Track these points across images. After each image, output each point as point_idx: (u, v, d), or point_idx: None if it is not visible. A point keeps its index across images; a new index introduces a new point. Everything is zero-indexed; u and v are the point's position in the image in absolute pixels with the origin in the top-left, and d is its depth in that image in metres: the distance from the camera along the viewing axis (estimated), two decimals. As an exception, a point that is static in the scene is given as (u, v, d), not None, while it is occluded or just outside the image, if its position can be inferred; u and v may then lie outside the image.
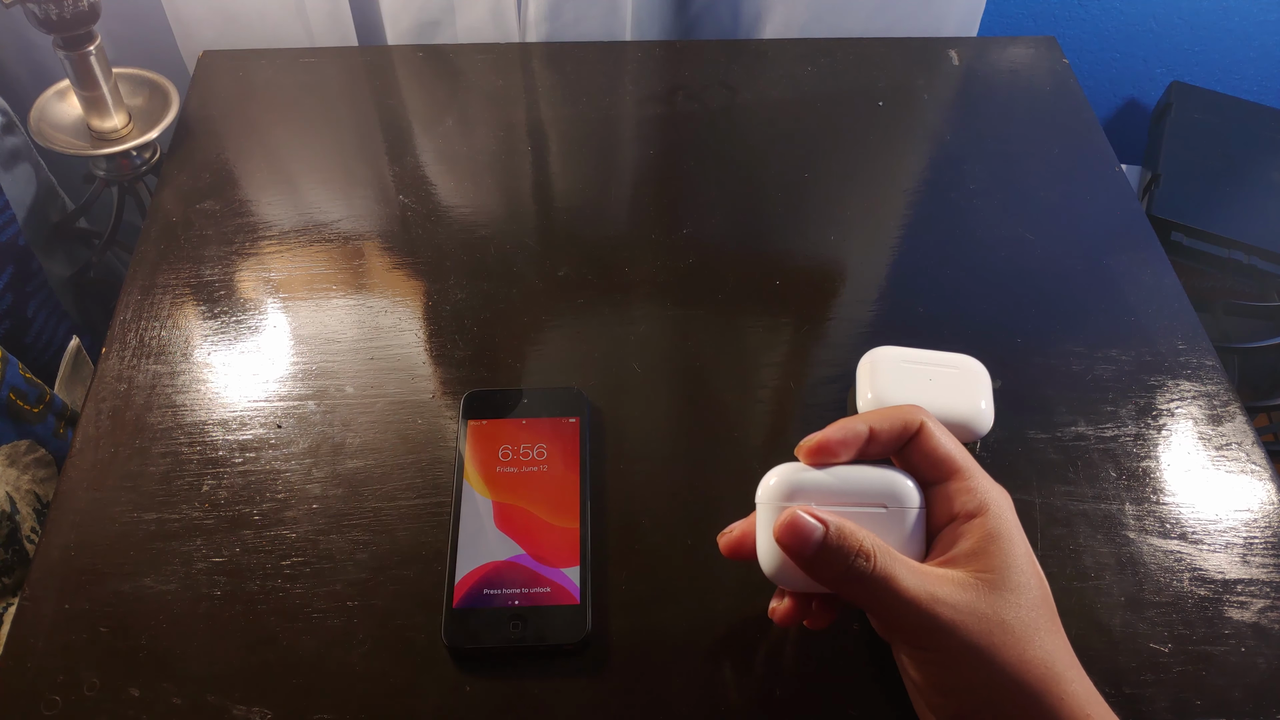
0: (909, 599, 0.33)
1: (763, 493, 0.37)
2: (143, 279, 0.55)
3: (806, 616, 0.38)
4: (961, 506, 0.36)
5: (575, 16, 0.75)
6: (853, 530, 0.35)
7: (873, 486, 0.36)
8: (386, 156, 0.62)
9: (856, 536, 0.34)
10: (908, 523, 0.36)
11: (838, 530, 0.35)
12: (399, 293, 0.54)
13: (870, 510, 0.36)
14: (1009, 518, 0.36)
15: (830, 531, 0.34)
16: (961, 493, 0.36)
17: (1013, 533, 0.35)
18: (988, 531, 0.35)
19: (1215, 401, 0.51)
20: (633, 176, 0.62)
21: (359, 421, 0.49)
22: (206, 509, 0.45)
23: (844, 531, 0.35)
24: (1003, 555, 0.34)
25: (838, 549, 0.34)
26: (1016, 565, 0.34)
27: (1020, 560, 0.35)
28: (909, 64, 0.70)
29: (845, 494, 0.36)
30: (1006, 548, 0.35)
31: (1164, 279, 0.57)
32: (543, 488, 0.45)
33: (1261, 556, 0.45)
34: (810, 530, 0.35)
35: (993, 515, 0.35)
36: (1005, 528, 0.35)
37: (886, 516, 0.36)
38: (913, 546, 0.36)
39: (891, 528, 0.36)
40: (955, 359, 0.49)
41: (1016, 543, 0.35)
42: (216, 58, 0.68)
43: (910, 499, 0.36)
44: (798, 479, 0.36)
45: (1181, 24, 1.04)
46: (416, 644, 0.41)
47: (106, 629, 0.41)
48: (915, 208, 0.60)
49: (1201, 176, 0.94)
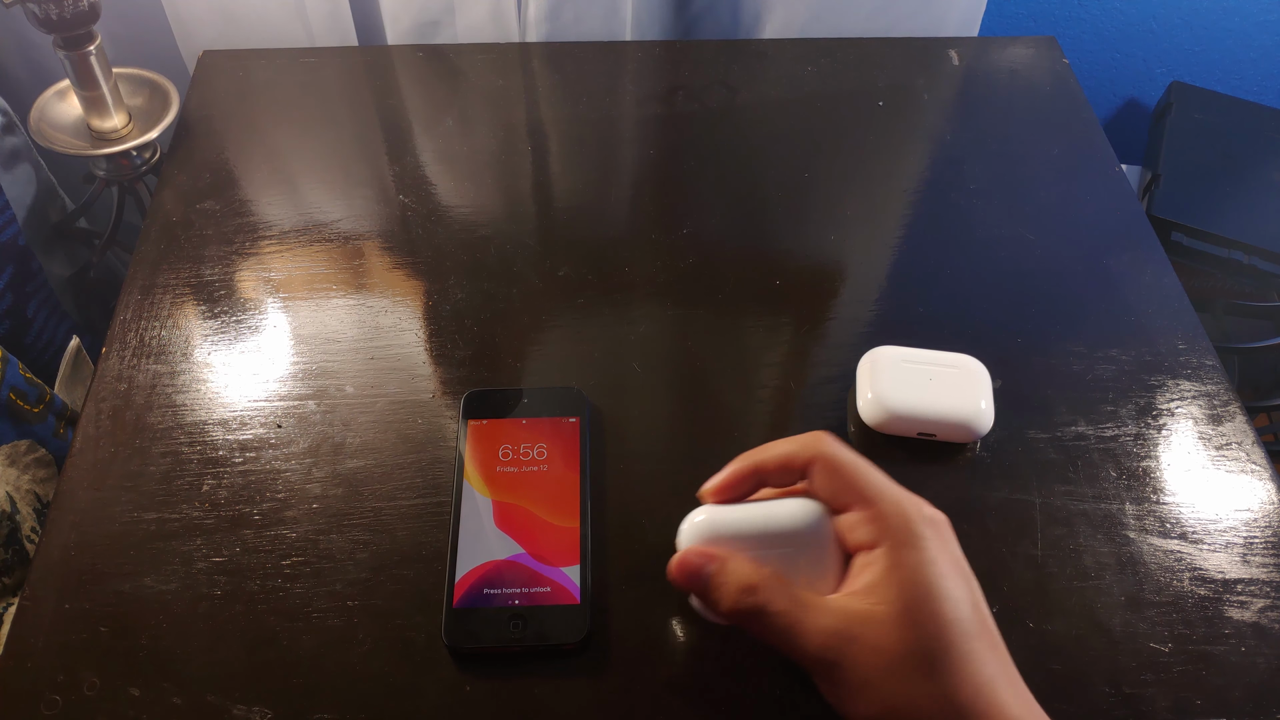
0: (801, 634, 0.34)
1: (681, 536, 0.38)
2: (143, 279, 0.55)
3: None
4: (863, 538, 0.35)
5: (575, 16, 0.75)
6: (740, 565, 0.36)
7: (784, 521, 0.37)
8: (386, 156, 0.62)
9: (744, 572, 0.35)
10: (816, 554, 0.36)
11: (722, 565, 0.36)
12: (399, 293, 0.54)
13: (780, 548, 0.36)
14: (916, 547, 0.34)
15: (716, 568, 0.36)
16: (862, 523, 0.35)
17: (916, 563, 0.34)
18: (887, 564, 0.34)
19: (1215, 401, 0.51)
20: (633, 176, 0.62)
21: (359, 421, 0.49)
22: (207, 509, 0.45)
23: (728, 568, 0.36)
24: (901, 587, 0.34)
25: (723, 584, 0.35)
26: (918, 597, 0.33)
27: (922, 591, 0.33)
28: (909, 64, 0.70)
29: (753, 532, 0.37)
30: (908, 578, 0.34)
31: (1164, 279, 0.57)
32: (543, 487, 0.45)
33: (1261, 556, 0.45)
34: (698, 566, 0.36)
35: (892, 547, 0.34)
36: (907, 558, 0.34)
37: (795, 551, 0.36)
38: (823, 577, 0.36)
39: (801, 560, 0.36)
40: (955, 359, 0.49)
41: (921, 572, 0.34)
42: (216, 58, 0.68)
43: (815, 531, 0.36)
44: (713, 520, 0.37)
45: (1181, 24, 1.04)
46: (416, 644, 0.41)
47: (106, 629, 0.41)
48: (915, 208, 0.60)
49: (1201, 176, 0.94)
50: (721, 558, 0.36)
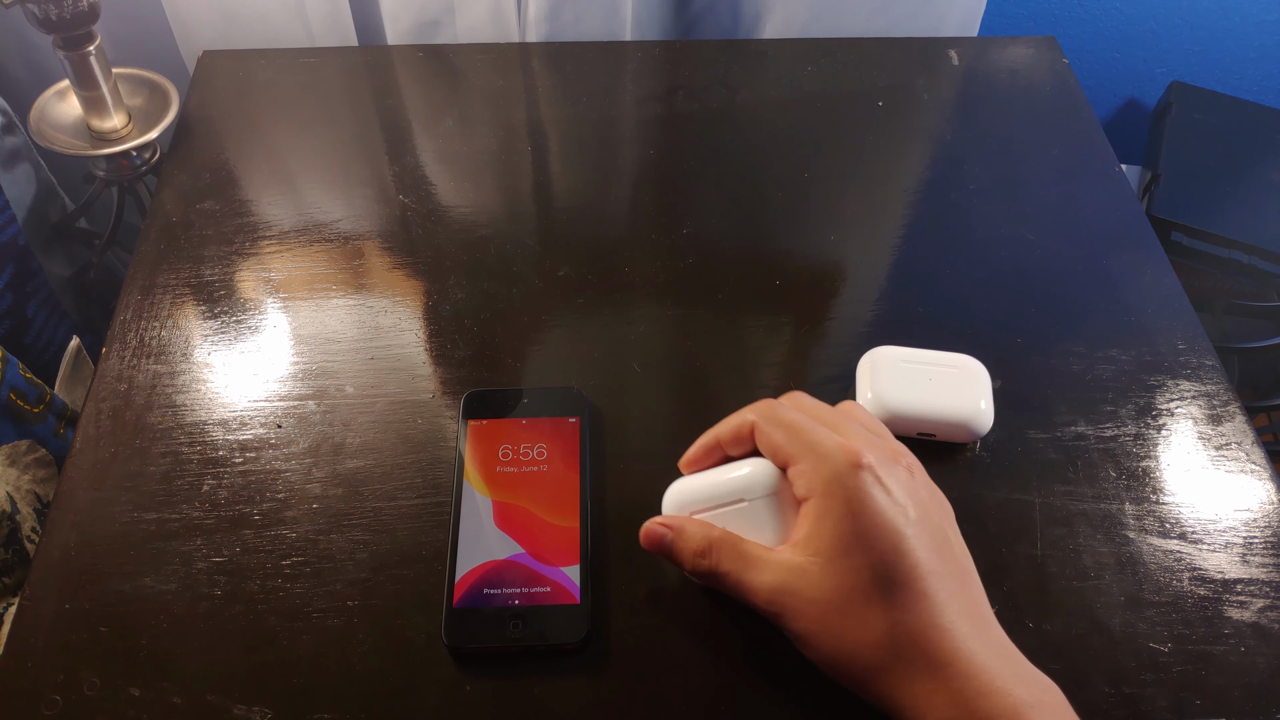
0: (748, 590, 0.38)
1: (664, 505, 0.43)
2: (143, 279, 0.55)
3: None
4: (801, 490, 0.38)
5: (575, 16, 0.75)
6: (694, 531, 0.40)
7: (734, 483, 0.40)
8: (386, 156, 0.62)
9: (696, 537, 0.39)
10: (764, 510, 0.39)
11: (678, 533, 0.40)
12: (399, 293, 0.54)
13: (733, 506, 0.40)
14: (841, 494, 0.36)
15: (674, 536, 0.40)
16: (796, 478, 0.38)
17: (842, 511, 0.36)
18: (815, 513, 0.37)
19: (1215, 401, 0.51)
20: (633, 176, 0.62)
21: (359, 421, 0.49)
22: (207, 509, 0.45)
23: (684, 534, 0.40)
24: (828, 536, 0.36)
25: (682, 549, 0.40)
26: (844, 543, 0.35)
27: (848, 538, 0.35)
28: (909, 64, 0.70)
29: (713, 495, 0.41)
30: (834, 526, 0.36)
31: (1164, 279, 0.57)
32: (543, 487, 0.45)
33: (1261, 556, 0.45)
34: (660, 535, 0.41)
35: (821, 496, 0.37)
36: (833, 507, 0.36)
37: (747, 508, 0.40)
38: (772, 531, 0.39)
39: (751, 517, 0.40)
40: (955, 359, 0.49)
41: (846, 520, 0.36)
42: (216, 58, 0.68)
43: (759, 489, 0.40)
44: (681, 488, 0.42)
45: (1181, 24, 1.04)
46: (416, 644, 0.41)
47: (106, 629, 0.41)
48: (915, 208, 0.60)
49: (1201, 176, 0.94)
50: (678, 526, 0.40)
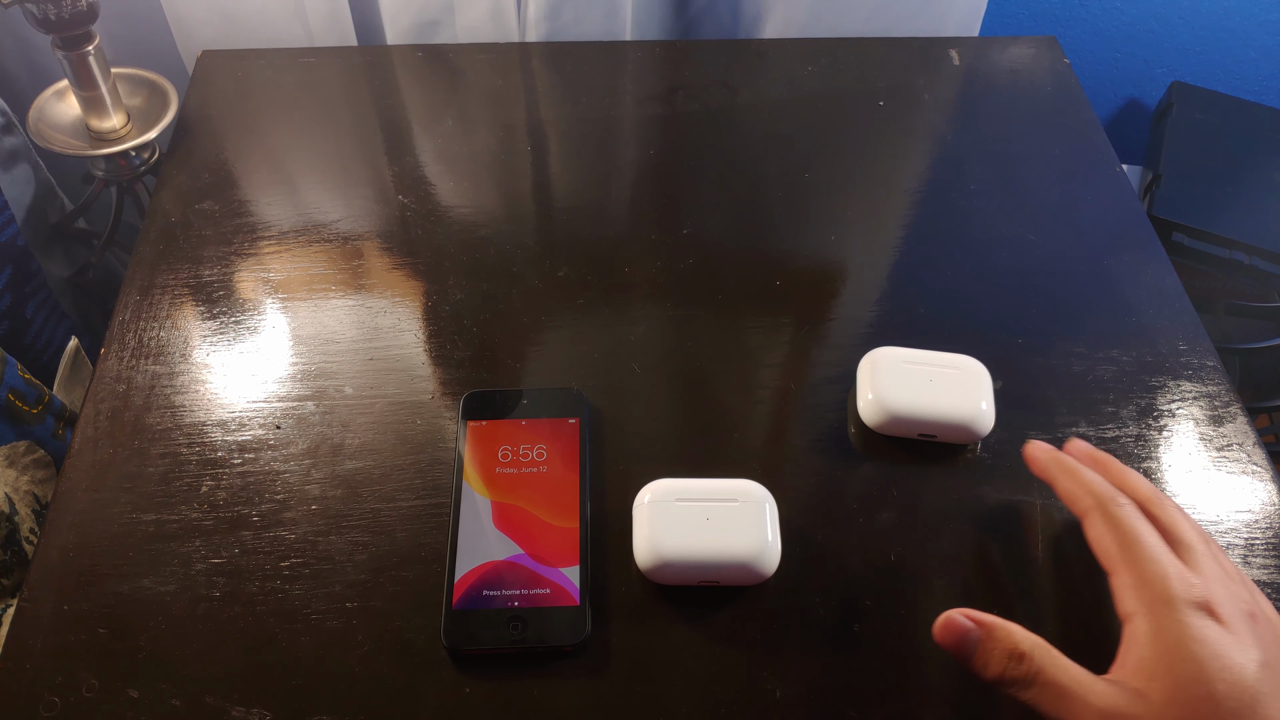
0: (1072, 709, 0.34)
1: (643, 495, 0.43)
2: (141, 279, 0.54)
3: None
4: (1123, 606, 0.36)
5: (575, 16, 0.75)
6: (1008, 632, 0.36)
7: (732, 485, 0.43)
8: (386, 156, 0.62)
9: (1012, 638, 0.36)
10: (757, 515, 0.42)
11: (989, 634, 0.36)
12: (399, 293, 0.54)
13: (726, 503, 0.42)
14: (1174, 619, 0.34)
15: (980, 634, 0.36)
16: (1116, 591, 0.37)
17: (1179, 638, 0.34)
18: (1133, 638, 0.35)
19: (1216, 402, 0.51)
20: (633, 176, 0.62)
21: (358, 422, 0.48)
22: (205, 510, 0.45)
23: (996, 635, 0.36)
24: (1169, 666, 0.34)
25: (991, 651, 0.36)
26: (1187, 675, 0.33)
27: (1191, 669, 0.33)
28: (909, 64, 0.70)
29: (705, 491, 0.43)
30: (1174, 656, 0.34)
31: (1165, 279, 0.57)
32: (542, 488, 0.45)
33: (1262, 557, 0.45)
34: (965, 630, 0.37)
35: (1139, 620, 0.35)
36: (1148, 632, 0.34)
37: (739, 507, 0.42)
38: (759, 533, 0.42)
39: (743, 516, 0.42)
40: (956, 359, 0.49)
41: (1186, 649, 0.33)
42: (216, 58, 0.68)
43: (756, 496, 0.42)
44: (669, 483, 0.43)
45: (1182, 24, 1.04)
46: (416, 645, 0.41)
47: (105, 630, 0.41)
48: (916, 208, 0.60)
49: (1202, 176, 0.94)
50: (988, 624, 0.36)
